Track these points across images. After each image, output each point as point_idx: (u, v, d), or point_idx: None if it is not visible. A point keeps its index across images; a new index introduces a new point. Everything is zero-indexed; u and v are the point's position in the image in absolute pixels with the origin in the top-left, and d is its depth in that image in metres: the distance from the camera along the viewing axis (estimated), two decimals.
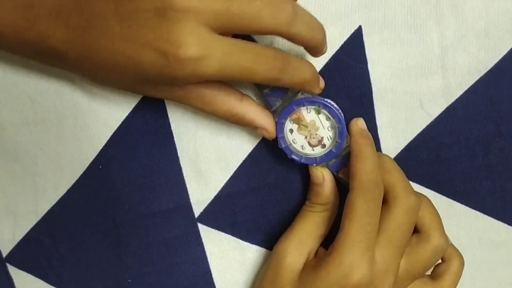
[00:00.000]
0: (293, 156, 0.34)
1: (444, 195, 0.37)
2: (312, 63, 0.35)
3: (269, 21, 0.28)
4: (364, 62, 0.35)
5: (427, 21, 0.34)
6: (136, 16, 0.27)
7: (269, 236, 0.38)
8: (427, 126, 0.36)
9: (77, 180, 0.37)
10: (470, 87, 0.35)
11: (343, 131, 0.34)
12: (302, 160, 0.35)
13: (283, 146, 0.34)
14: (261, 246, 0.39)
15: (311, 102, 0.34)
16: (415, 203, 0.33)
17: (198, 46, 0.27)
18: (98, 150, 0.36)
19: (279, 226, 0.38)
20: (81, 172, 0.36)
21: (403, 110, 0.36)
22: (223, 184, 0.37)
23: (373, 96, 0.36)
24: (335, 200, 0.35)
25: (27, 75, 0.35)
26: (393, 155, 0.37)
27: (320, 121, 0.34)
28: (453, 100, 0.35)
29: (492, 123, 0.36)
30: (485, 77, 0.35)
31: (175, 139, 0.36)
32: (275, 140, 0.34)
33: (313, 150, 0.35)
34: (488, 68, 0.35)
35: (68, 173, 0.37)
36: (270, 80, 0.30)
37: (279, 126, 0.34)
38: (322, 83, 0.34)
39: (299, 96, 0.34)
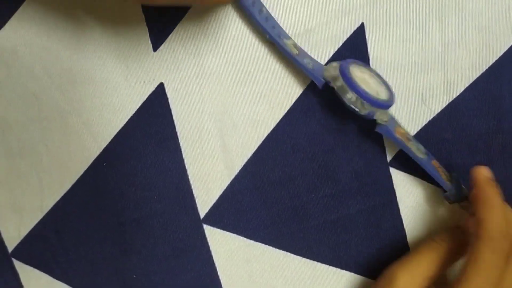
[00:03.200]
0: (375, 100, 0.33)
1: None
2: (318, 57, 0.35)
3: None
4: (367, 59, 0.35)
5: (429, 18, 0.34)
6: None
7: (274, 234, 0.39)
8: (429, 121, 0.36)
9: (81, 176, 0.37)
10: (471, 83, 0.35)
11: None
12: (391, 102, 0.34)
13: (365, 92, 0.33)
14: (266, 244, 0.39)
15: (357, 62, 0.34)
16: None
17: None
18: (102, 148, 0.36)
19: (283, 224, 0.38)
20: (85, 168, 0.37)
21: (405, 106, 0.36)
22: (228, 183, 0.38)
23: None
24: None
25: (31, 73, 0.35)
26: (396, 150, 0.37)
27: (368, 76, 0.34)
28: (455, 96, 0.36)
29: (494, 119, 0.36)
30: (486, 74, 0.35)
31: (179, 140, 0.37)
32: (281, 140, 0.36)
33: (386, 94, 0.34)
34: (490, 65, 0.35)
35: (72, 169, 0.37)
36: None
37: (349, 81, 0.33)
38: None
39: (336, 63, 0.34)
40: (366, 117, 0.33)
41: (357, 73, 0.33)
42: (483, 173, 0.34)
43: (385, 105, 0.34)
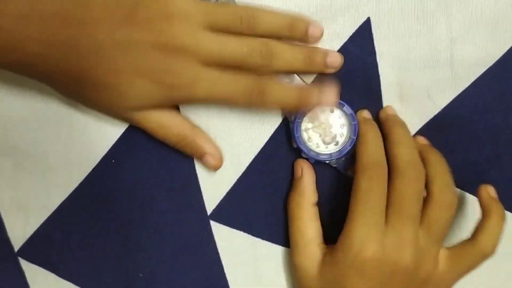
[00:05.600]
0: (310, 154, 0.35)
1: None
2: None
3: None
4: (373, 54, 0.35)
5: (435, 13, 0.34)
6: (135, 46, 0.29)
7: (281, 232, 0.38)
8: (435, 116, 0.36)
9: (88, 175, 0.37)
10: (477, 78, 0.35)
11: (356, 127, 0.35)
12: (319, 157, 0.35)
13: (300, 144, 0.35)
14: (273, 242, 0.39)
15: None
16: (416, 174, 0.33)
17: (190, 78, 0.30)
18: (110, 146, 0.36)
19: None
20: (92, 166, 0.37)
21: (411, 102, 0.36)
22: (235, 180, 0.38)
23: (381, 87, 0.36)
24: (316, 196, 0.36)
25: None
26: None
27: (334, 119, 0.35)
28: (461, 91, 0.36)
29: (500, 114, 0.36)
30: (493, 69, 0.35)
31: None
32: (289, 138, 0.36)
33: (327, 147, 0.36)
34: (496, 60, 0.35)
35: (79, 167, 0.37)
36: (252, 106, 0.34)
37: (296, 126, 0.35)
38: (318, 98, 0.33)
39: None
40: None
41: (321, 114, 0.35)
42: (361, 114, 0.36)
43: (325, 159, 0.35)
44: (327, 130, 0.35)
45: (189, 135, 0.35)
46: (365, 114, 0.36)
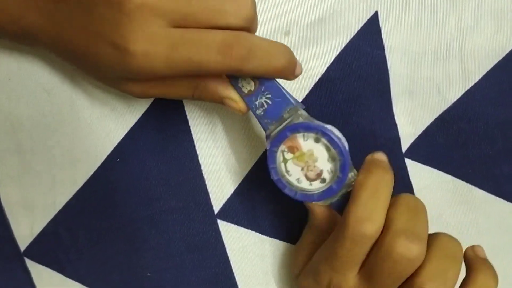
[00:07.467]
0: (286, 191, 0.30)
1: (463, 180, 0.37)
2: (327, 49, 0.35)
3: (232, 18, 0.27)
4: (381, 48, 0.35)
5: (444, 4, 0.34)
6: (95, 7, 0.27)
7: (288, 229, 0.38)
8: (445, 111, 0.36)
9: (94, 173, 0.36)
10: (488, 71, 0.35)
11: (345, 164, 0.29)
12: (297, 196, 0.30)
13: (275, 178, 0.30)
14: (281, 240, 0.38)
15: (308, 129, 0.29)
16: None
17: (144, 42, 0.26)
18: (116, 143, 0.36)
19: (298, 219, 0.38)
20: (98, 164, 0.36)
21: (420, 96, 0.36)
22: (242, 178, 0.37)
23: (390, 82, 0.35)
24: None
25: (42, 67, 0.34)
26: (410, 141, 0.36)
27: (319, 151, 0.30)
28: (471, 84, 0.35)
29: (511, 107, 0.35)
30: (503, 61, 0.35)
31: (193, 135, 0.36)
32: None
33: (310, 184, 0.30)
34: (507, 52, 0.35)
35: (85, 165, 0.36)
36: (228, 71, 0.28)
37: (271, 155, 0.29)
38: (299, 70, 0.30)
39: (295, 120, 0.29)
40: None
41: (304, 143, 0.30)
42: (373, 155, 0.32)
43: (306, 199, 0.30)
44: (310, 163, 0.29)
45: (198, 82, 0.29)
46: (378, 155, 0.31)
